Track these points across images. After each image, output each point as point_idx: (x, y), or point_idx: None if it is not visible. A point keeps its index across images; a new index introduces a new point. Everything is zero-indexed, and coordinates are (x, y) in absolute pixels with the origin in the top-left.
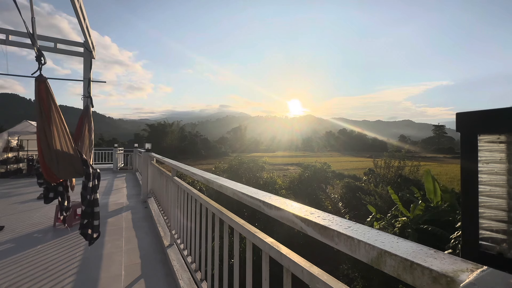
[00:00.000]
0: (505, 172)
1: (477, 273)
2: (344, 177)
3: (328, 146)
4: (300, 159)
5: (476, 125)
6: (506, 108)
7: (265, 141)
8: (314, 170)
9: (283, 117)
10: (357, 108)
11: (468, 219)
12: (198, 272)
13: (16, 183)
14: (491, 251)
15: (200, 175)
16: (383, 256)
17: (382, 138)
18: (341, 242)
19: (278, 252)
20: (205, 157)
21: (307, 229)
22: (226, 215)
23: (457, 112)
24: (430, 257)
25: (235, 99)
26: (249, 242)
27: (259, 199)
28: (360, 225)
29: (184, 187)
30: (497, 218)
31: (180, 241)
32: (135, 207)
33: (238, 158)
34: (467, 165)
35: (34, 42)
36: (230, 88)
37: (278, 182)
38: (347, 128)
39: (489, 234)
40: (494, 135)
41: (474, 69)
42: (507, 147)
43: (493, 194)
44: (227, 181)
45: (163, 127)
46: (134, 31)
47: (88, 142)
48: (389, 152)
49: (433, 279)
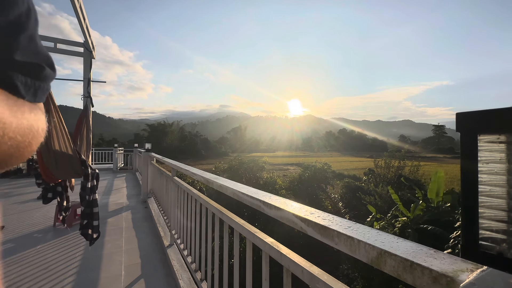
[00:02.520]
0: (505, 172)
1: (477, 273)
2: (344, 177)
3: (328, 146)
4: (300, 159)
5: (476, 125)
6: (506, 108)
7: (265, 141)
8: (314, 170)
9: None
10: (357, 108)
11: (468, 219)
12: (198, 272)
13: (16, 183)
14: (491, 251)
15: (200, 175)
16: (383, 256)
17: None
18: (341, 242)
19: (278, 252)
20: (205, 157)
21: (307, 229)
22: (226, 215)
23: (457, 112)
24: (430, 257)
25: (235, 99)
26: (249, 242)
27: (259, 199)
28: (360, 225)
29: (184, 187)
30: (497, 218)
31: (180, 241)
32: (135, 207)
33: (238, 158)
34: (467, 165)
35: None
36: (230, 88)
37: (278, 182)
38: (347, 128)
39: (489, 234)
40: (494, 135)
41: (474, 69)
42: (507, 147)
43: (493, 194)
44: (227, 181)
45: (163, 127)
46: (135, 31)
47: (86, 142)
48: (389, 152)
49: (433, 279)
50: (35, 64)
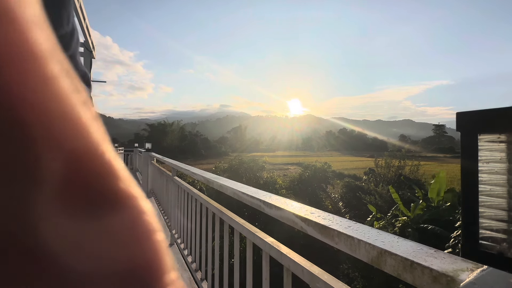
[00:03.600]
0: (505, 172)
1: (477, 273)
2: (344, 177)
3: (328, 146)
4: (300, 159)
5: (476, 125)
6: (506, 107)
7: (265, 140)
8: (314, 169)
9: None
10: (357, 108)
11: (468, 218)
12: (198, 272)
13: None
14: (491, 251)
15: (200, 175)
16: (383, 256)
17: (382, 138)
18: (341, 241)
19: (279, 251)
20: (205, 157)
21: (307, 229)
22: (226, 214)
23: (457, 112)
24: (430, 256)
25: (235, 98)
26: (249, 241)
27: (259, 198)
28: (361, 225)
29: (185, 186)
30: (497, 217)
31: (180, 241)
32: None
33: (238, 158)
34: (467, 164)
35: None
36: (230, 88)
37: (279, 182)
38: (347, 127)
39: (489, 234)
40: (494, 135)
41: (475, 68)
42: (507, 146)
43: (493, 194)
44: (227, 180)
45: (163, 127)
46: (135, 31)
47: None
48: (390, 152)
49: (433, 279)
50: None
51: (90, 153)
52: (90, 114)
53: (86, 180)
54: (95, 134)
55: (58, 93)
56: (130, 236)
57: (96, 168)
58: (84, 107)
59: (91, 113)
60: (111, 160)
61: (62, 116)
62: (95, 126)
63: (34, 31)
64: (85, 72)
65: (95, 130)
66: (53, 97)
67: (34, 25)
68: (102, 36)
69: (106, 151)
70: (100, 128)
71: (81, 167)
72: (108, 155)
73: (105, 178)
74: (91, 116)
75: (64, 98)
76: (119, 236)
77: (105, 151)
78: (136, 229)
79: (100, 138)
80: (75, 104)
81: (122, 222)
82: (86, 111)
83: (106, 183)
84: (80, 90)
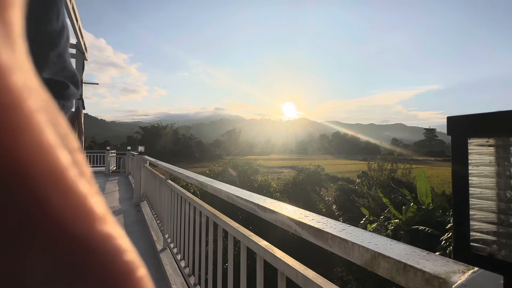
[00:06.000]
0: (494, 175)
1: (468, 274)
2: (337, 180)
3: (322, 149)
4: (294, 162)
5: (466, 129)
6: (495, 112)
7: (260, 144)
8: (308, 173)
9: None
10: (350, 111)
11: (459, 221)
12: (191, 277)
13: None
14: (482, 253)
15: (194, 178)
16: (376, 259)
17: (375, 141)
18: (335, 244)
19: (273, 255)
20: (199, 160)
21: (301, 232)
22: (220, 218)
23: (448, 116)
24: (422, 259)
25: (230, 101)
26: (243, 245)
27: (253, 202)
28: (354, 228)
29: (178, 190)
30: (487, 220)
31: (173, 245)
32: (127, 211)
33: (233, 161)
34: (458, 168)
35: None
36: (225, 91)
37: (273, 185)
38: (340, 131)
39: (480, 236)
40: (483, 139)
41: (464, 73)
42: (496, 150)
43: (483, 196)
44: (221, 184)
45: (157, 130)
46: (129, 33)
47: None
48: (382, 155)
49: (426, 281)
50: (60, 81)
51: (62, 195)
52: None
53: (58, 226)
54: (68, 173)
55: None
56: (104, 279)
57: (69, 210)
58: (51, 128)
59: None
60: (86, 200)
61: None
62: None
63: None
64: (74, 72)
65: (68, 168)
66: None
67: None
68: (95, 38)
69: (80, 188)
70: (77, 161)
71: (52, 210)
72: (82, 193)
73: (77, 221)
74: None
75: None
76: (94, 279)
77: (79, 188)
78: (111, 271)
79: (74, 177)
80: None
81: (95, 265)
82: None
83: (79, 227)
84: (57, 123)
